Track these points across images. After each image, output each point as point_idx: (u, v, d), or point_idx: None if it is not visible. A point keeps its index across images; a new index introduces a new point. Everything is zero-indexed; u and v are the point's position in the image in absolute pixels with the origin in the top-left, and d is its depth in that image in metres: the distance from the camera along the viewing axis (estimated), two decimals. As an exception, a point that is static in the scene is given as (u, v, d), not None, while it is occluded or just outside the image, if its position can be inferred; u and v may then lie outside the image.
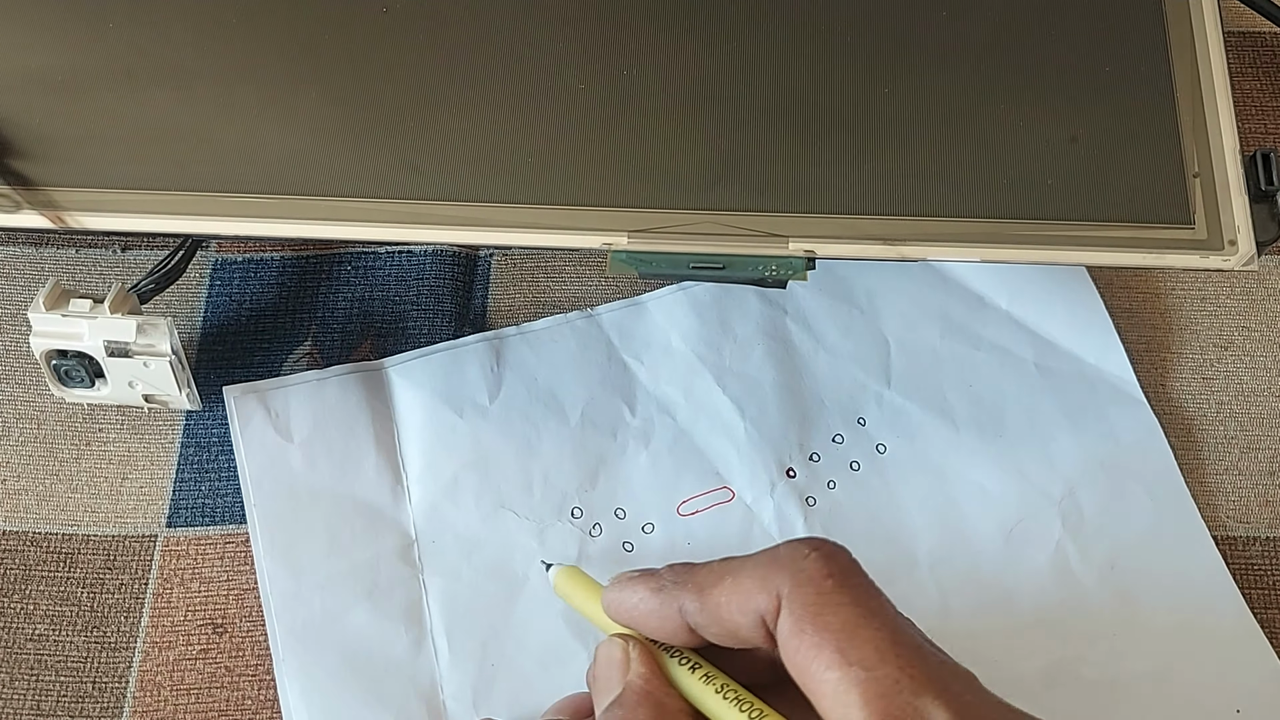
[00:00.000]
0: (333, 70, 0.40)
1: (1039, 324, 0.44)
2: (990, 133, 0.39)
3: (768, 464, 0.41)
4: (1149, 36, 0.40)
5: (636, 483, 0.41)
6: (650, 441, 0.42)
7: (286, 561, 0.39)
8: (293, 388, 0.42)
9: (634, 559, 0.40)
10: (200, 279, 0.46)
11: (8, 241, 0.47)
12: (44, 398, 0.43)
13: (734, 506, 0.41)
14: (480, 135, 0.38)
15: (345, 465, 0.41)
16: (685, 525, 0.41)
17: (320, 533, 0.40)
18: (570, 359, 0.43)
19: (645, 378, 0.43)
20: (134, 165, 0.38)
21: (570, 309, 0.45)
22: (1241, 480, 0.42)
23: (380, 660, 0.38)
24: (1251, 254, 0.36)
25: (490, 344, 0.44)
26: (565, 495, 0.41)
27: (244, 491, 0.41)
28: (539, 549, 0.40)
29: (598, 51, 0.40)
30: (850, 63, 0.40)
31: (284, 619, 0.39)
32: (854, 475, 0.42)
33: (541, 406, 0.42)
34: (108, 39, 0.40)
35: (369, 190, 0.37)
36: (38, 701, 0.39)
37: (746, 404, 0.42)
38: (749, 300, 0.44)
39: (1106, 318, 0.44)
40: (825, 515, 0.41)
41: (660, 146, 0.38)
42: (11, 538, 0.41)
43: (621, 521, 0.41)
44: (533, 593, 0.39)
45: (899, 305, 0.44)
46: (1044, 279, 0.44)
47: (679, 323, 0.44)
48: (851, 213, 0.37)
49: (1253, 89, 0.50)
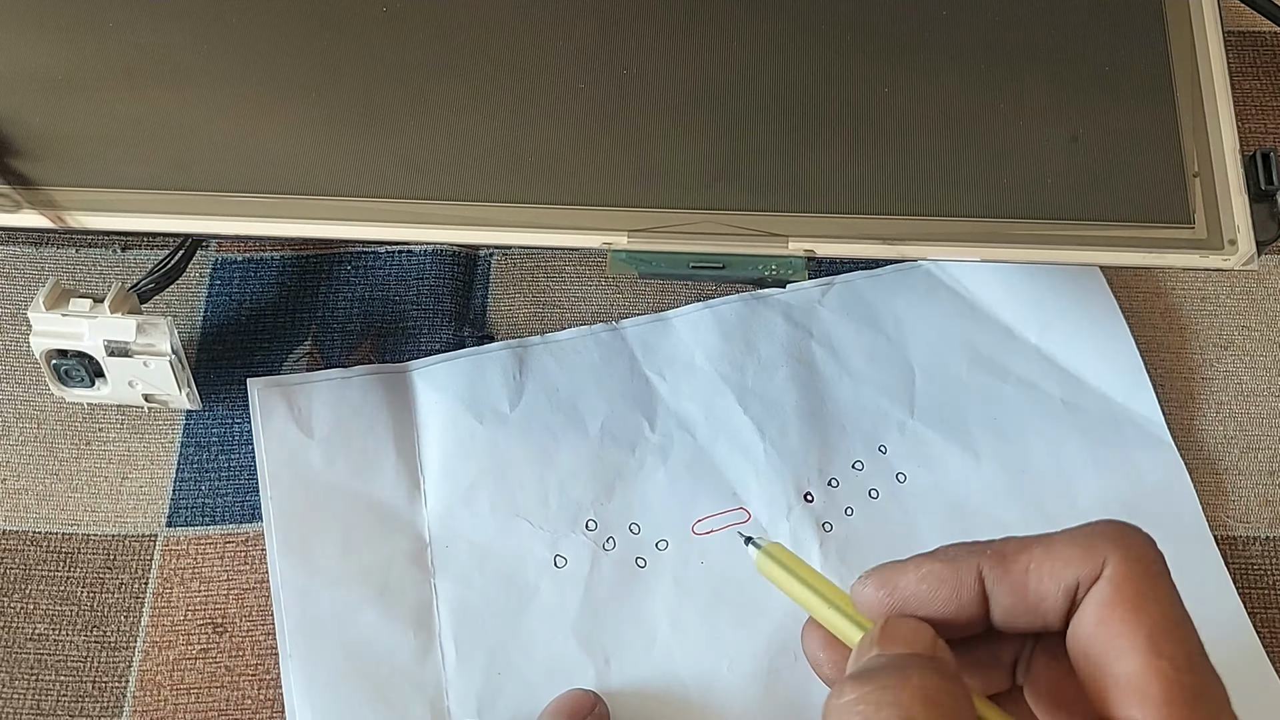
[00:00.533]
0: (332, 70, 0.40)
1: (1069, 360, 0.43)
2: (990, 132, 0.39)
3: (785, 487, 0.41)
4: (1149, 36, 0.40)
5: (653, 498, 0.41)
6: (669, 458, 0.42)
7: (299, 557, 0.39)
8: (317, 384, 0.42)
9: (646, 575, 0.40)
10: (200, 278, 0.46)
11: (8, 241, 0.47)
12: (44, 397, 0.43)
13: (749, 528, 0.41)
14: (480, 134, 0.38)
15: (364, 465, 0.41)
16: (700, 544, 0.40)
17: (335, 531, 0.40)
18: (593, 371, 0.43)
19: (667, 393, 0.43)
20: (134, 165, 0.38)
21: (570, 309, 0.45)
22: (1241, 480, 0.42)
23: (387, 662, 0.38)
24: (1251, 253, 0.36)
25: (514, 352, 0.43)
26: (581, 507, 0.41)
27: (261, 485, 0.41)
28: (550, 560, 0.40)
29: (598, 51, 0.40)
30: (850, 62, 0.40)
31: (293, 614, 0.39)
32: (873, 503, 0.41)
33: (562, 417, 0.42)
34: (108, 38, 0.40)
35: (369, 190, 0.37)
36: (38, 701, 0.39)
37: (767, 425, 0.42)
38: (774, 321, 0.44)
39: (1137, 356, 0.43)
40: (841, 542, 0.40)
41: (660, 146, 0.38)
42: (12, 537, 0.41)
43: (636, 536, 0.40)
44: (543, 603, 0.39)
45: (926, 333, 0.44)
46: (1076, 312, 0.44)
47: (703, 340, 0.44)
48: (851, 212, 0.37)
49: (1253, 88, 0.50)
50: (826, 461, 0.42)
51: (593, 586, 0.40)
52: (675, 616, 0.39)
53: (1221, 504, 0.42)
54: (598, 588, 0.40)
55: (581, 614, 0.39)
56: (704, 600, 0.39)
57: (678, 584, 0.40)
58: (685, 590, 0.40)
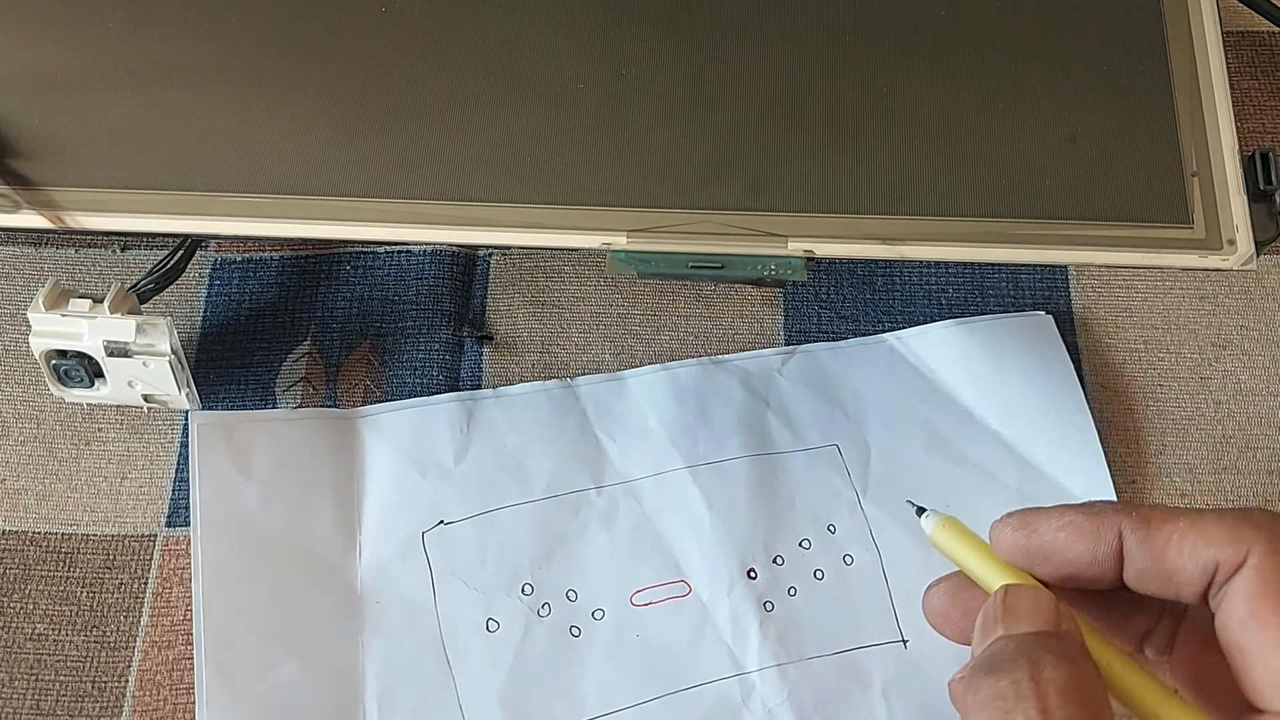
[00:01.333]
0: (332, 70, 0.40)
1: (1028, 448, 0.42)
2: (989, 132, 0.39)
3: (729, 562, 0.40)
4: (1147, 36, 0.40)
5: (593, 565, 0.40)
6: (612, 524, 0.40)
7: (225, 602, 0.38)
8: (259, 424, 0.41)
9: (580, 645, 0.38)
10: (199, 279, 0.46)
11: (7, 241, 0.47)
12: (43, 397, 0.43)
13: (689, 602, 0.39)
14: (479, 135, 0.39)
15: (300, 511, 0.40)
16: (637, 616, 0.39)
17: (264, 577, 0.39)
18: (542, 427, 0.42)
19: (616, 456, 0.42)
20: (133, 165, 0.38)
21: (569, 309, 0.45)
22: (1240, 479, 0.42)
23: (306, 718, 0.37)
24: (1250, 253, 0.36)
25: (463, 404, 0.43)
26: (519, 570, 0.40)
27: (192, 523, 0.39)
28: (482, 623, 0.39)
29: (597, 51, 0.40)
30: (849, 62, 0.40)
31: (214, 660, 0.37)
32: (817, 584, 0.40)
33: (506, 475, 0.41)
34: (108, 39, 0.40)
35: (368, 190, 0.37)
36: (37, 700, 0.39)
37: (716, 496, 0.41)
38: (731, 388, 0.43)
39: (1098, 446, 0.42)
40: (782, 622, 0.39)
41: (659, 146, 0.38)
42: (11, 537, 0.41)
43: (572, 604, 0.39)
44: (472, 667, 0.38)
45: (884, 411, 0.42)
46: (1039, 399, 0.42)
47: (658, 403, 0.43)
48: (850, 212, 0.37)
49: (1251, 88, 0.50)
50: (773, 538, 0.40)
51: (524, 654, 0.38)
52: (606, 691, 0.38)
53: (1220, 503, 0.42)
54: (529, 655, 0.38)
55: (510, 681, 0.38)
56: (637, 675, 0.38)
57: (611, 657, 0.38)
58: (618, 664, 0.38)
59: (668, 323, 0.45)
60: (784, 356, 0.44)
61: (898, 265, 0.46)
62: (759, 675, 0.38)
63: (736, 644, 0.39)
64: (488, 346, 0.45)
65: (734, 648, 0.38)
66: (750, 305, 0.46)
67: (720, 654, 0.38)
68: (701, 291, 0.46)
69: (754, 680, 0.38)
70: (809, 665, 0.38)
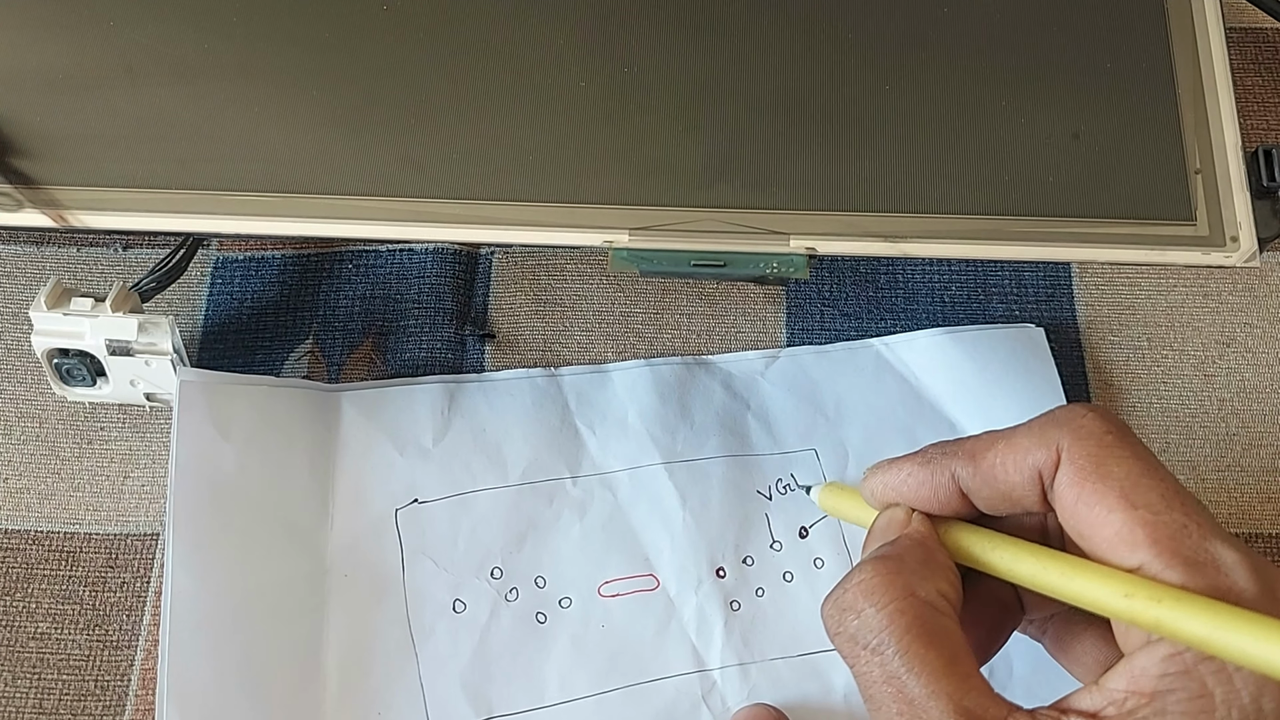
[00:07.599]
0: (333, 68, 0.40)
1: None
2: (992, 129, 0.39)
3: (699, 559, 0.40)
4: (1151, 33, 0.40)
5: (563, 553, 0.40)
6: (586, 514, 0.41)
7: (193, 562, 0.37)
8: (242, 388, 0.41)
9: (544, 631, 0.39)
10: (201, 277, 0.46)
11: (9, 240, 0.47)
12: (45, 396, 0.43)
13: (656, 596, 0.39)
14: (481, 133, 0.38)
15: (276, 477, 0.40)
16: (603, 606, 0.39)
17: (234, 540, 0.38)
18: (523, 415, 0.42)
19: (594, 448, 0.42)
20: (135, 163, 0.38)
21: (571, 307, 0.45)
22: (1244, 477, 0.42)
23: (266, 687, 0.37)
24: (1253, 250, 0.36)
25: (446, 387, 0.43)
26: (489, 553, 0.40)
27: (169, 480, 0.39)
28: (449, 604, 0.39)
29: (599, 48, 0.40)
30: (852, 60, 0.40)
31: (178, 619, 0.36)
32: (785, 586, 0.40)
33: (484, 458, 0.41)
34: (109, 37, 0.40)
35: (370, 188, 0.37)
36: (40, 700, 0.39)
37: (690, 494, 0.41)
38: (713, 388, 0.43)
39: None
40: (747, 623, 0.39)
41: (661, 143, 0.38)
42: (14, 536, 0.41)
43: (540, 590, 0.39)
44: (435, 647, 0.38)
45: (866, 418, 0.42)
46: (1020, 413, 0.41)
47: (639, 398, 0.43)
48: (853, 210, 0.37)
49: (1254, 85, 0.50)
50: (744, 538, 0.40)
51: (488, 636, 0.38)
52: (566, 679, 0.38)
53: (1223, 501, 0.42)
54: (493, 638, 0.38)
55: (472, 664, 0.38)
56: (599, 665, 0.38)
57: (575, 645, 0.38)
58: (581, 652, 0.38)
59: (670, 321, 0.45)
60: (768, 360, 0.44)
61: (900, 263, 0.46)
62: (720, 673, 0.38)
63: (700, 640, 0.39)
64: (490, 344, 0.45)
65: (698, 644, 0.39)
66: (753, 303, 0.45)
67: (684, 649, 0.39)
68: (704, 290, 0.46)
69: (715, 677, 0.38)
70: (771, 666, 0.38)
